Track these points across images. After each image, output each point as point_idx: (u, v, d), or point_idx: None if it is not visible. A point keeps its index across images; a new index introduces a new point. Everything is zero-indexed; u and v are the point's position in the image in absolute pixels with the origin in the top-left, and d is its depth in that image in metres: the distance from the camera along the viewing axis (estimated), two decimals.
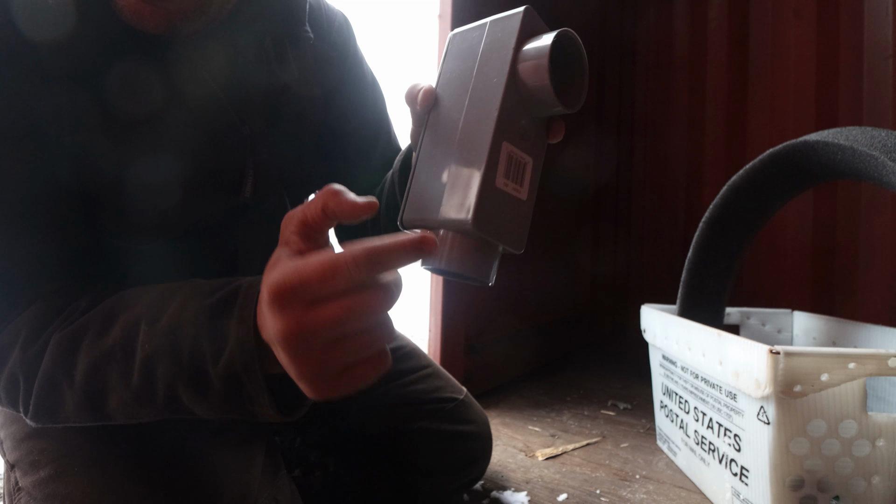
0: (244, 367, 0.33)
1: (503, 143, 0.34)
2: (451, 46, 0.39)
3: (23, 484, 0.44)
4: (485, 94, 0.35)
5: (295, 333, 0.28)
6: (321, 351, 0.28)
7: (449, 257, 0.34)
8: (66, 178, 0.43)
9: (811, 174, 0.76)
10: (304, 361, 0.28)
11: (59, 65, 0.41)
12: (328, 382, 0.29)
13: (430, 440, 0.68)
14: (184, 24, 0.42)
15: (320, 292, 0.27)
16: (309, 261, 0.28)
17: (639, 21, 1.91)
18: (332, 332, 0.28)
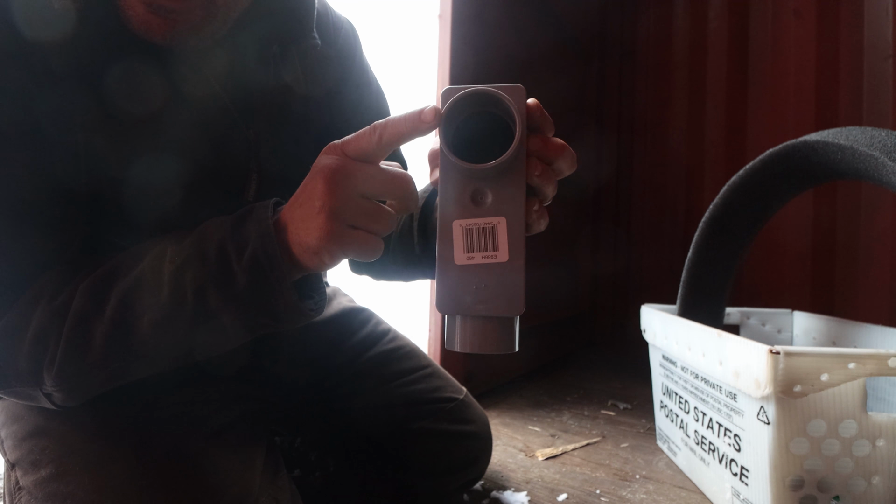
0: (265, 254, 0.37)
1: (453, 223, 0.35)
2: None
3: (23, 483, 0.44)
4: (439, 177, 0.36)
5: (337, 169, 0.36)
6: (348, 193, 0.36)
7: (461, 341, 0.35)
8: (67, 177, 0.43)
9: (811, 174, 0.76)
10: (335, 193, 0.35)
11: (60, 65, 0.41)
12: (339, 224, 0.36)
13: (429, 440, 0.68)
14: (189, 36, 0.42)
15: (362, 149, 0.36)
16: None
17: (639, 21, 1.91)
18: (365, 183, 0.36)
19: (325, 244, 0.36)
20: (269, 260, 0.37)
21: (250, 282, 0.38)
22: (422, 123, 0.35)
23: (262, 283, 0.38)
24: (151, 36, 0.41)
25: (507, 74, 1.33)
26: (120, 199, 0.45)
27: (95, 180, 0.44)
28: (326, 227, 0.35)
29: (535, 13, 1.47)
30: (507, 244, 0.35)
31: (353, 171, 0.36)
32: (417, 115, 0.35)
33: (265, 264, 0.38)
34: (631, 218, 1.92)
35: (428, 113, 0.34)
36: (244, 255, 0.38)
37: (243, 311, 0.39)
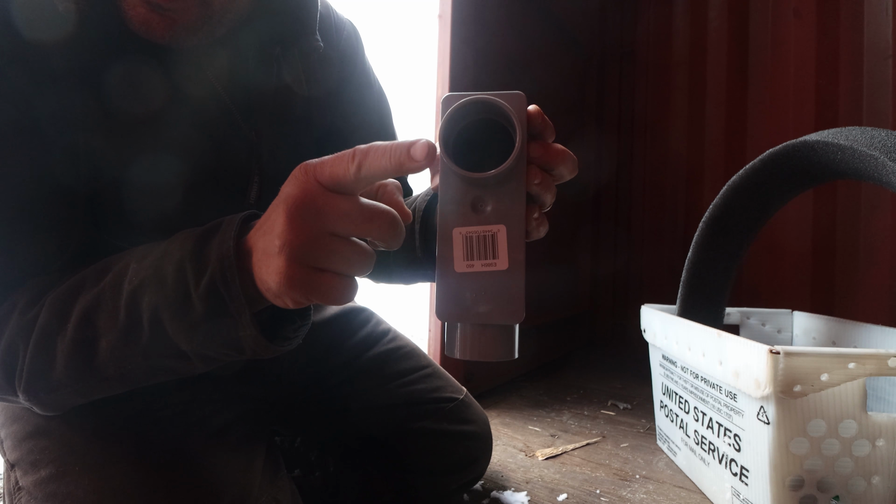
0: (224, 281, 0.34)
1: (453, 231, 0.34)
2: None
3: (23, 483, 0.44)
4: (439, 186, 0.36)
5: (302, 202, 0.31)
6: (315, 231, 0.31)
7: (461, 348, 0.35)
8: (67, 177, 0.43)
9: (811, 174, 0.76)
10: (299, 230, 0.31)
11: (61, 65, 0.41)
12: (301, 268, 0.31)
13: (429, 440, 0.68)
14: (188, 35, 0.43)
15: (335, 181, 0.31)
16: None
17: (639, 21, 1.91)
18: (336, 221, 0.31)
19: (285, 289, 0.31)
20: (228, 288, 0.34)
21: (208, 311, 0.34)
22: (410, 161, 0.30)
23: (221, 313, 0.34)
24: (152, 35, 0.41)
25: (507, 74, 1.33)
26: (120, 199, 0.45)
27: (95, 180, 0.44)
28: (287, 270, 0.31)
29: (535, 13, 1.47)
30: (507, 252, 0.35)
31: (322, 204, 0.31)
32: (405, 150, 0.30)
33: (223, 293, 0.34)
34: (631, 218, 1.92)
35: (419, 150, 0.30)
36: (202, 279, 0.34)
37: (202, 342, 0.36)
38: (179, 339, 0.36)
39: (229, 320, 0.35)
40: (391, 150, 0.30)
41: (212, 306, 0.34)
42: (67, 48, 0.41)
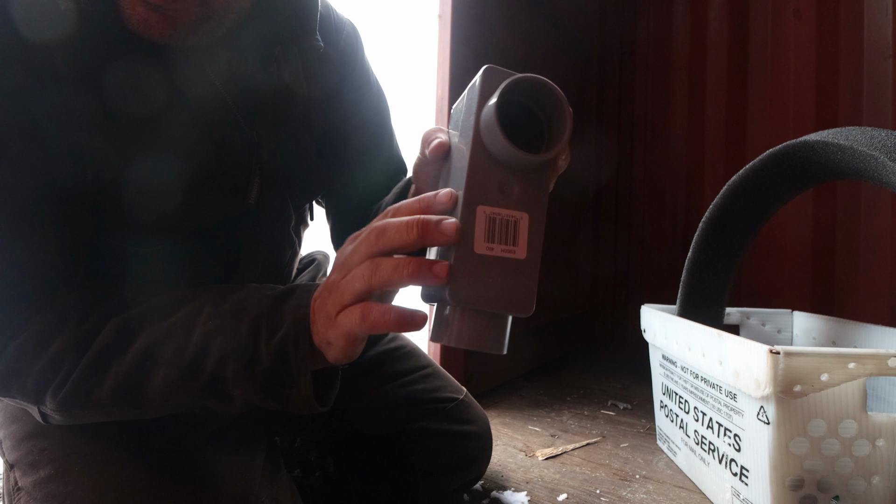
0: (295, 342, 0.37)
1: (478, 208, 0.33)
2: (471, 92, 0.38)
3: (22, 484, 0.44)
4: (459, 161, 0.35)
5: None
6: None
7: (456, 334, 0.34)
8: (68, 178, 0.43)
9: (811, 174, 0.76)
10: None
11: (62, 65, 0.41)
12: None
13: (429, 440, 0.68)
14: (188, 35, 0.42)
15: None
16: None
17: (639, 21, 1.91)
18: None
19: (346, 340, 0.36)
20: (296, 348, 0.37)
21: (272, 366, 0.38)
22: (442, 237, 0.32)
23: (283, 370, 0.38)
24: (151, 34, 0.41)
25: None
26: (120, 199, 0.45)
27: (96, 180, 0.44)
28: (343, 325, 0.35)
29: (535, 13, 1.47)
30: (527, 241, 0.34)
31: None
32: (436, 230, 0.32)
33: (291, 352, 0.37)
34: (631, 218, 1.92)
35: (448, 227, 0.32)
36: (275, 337, 0.38)
37: (256, 391, 0.39)
38: (236, 386, 0.39)
39: (288, 377, 0.38)
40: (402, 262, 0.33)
41: (278, 364, 0.38)
42: (68, 48, 0.41)
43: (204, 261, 0.53)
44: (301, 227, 0.68)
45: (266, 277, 0.61)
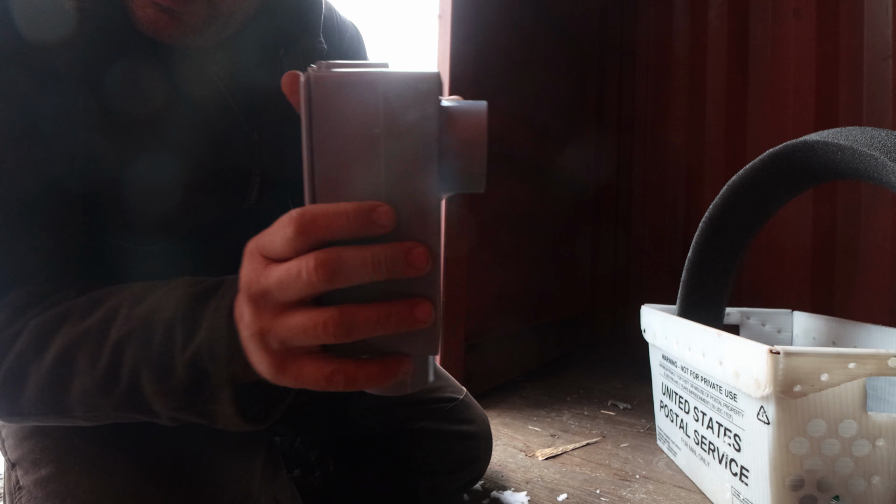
0: (211, 355, 0.32)
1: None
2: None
3: (24, 482, 0.44)
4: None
5: (257, 287, 0.28)
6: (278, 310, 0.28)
7: (398, 385, 0.30)
8: (66, 178, 0.43)
9: (811, 174, 0.76)
10: (263, 315, 0.28)
11: (63, 65, 0.41)
12: (290, 356, 0.28)
13: (430, 440, 0.68)
14: (196, 36, 0.43)
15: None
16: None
17: (639, 21, 1.91)
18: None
19: (279, 379, 0.29)
20: (213, 363, 0.32)
21: (188, 380, 0.33)
22: (374, 227, 0.26)
23: (200, 385, 0.33)
24: (159, 35, 0.41)
25: (507, 74, 1.33)
26: (121, 199, 0.45)
27: (95, 179, 0.44)
28: (271, 361, 0.29)
29: (535, 13, 1.47)
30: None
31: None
32: (367, 215, 0.26)
33: (208, 367, 0.32)
34: (631, 218, 1.92)
35: (382, 216, 0.26)
36: (189, 347, 0.33)
37: (175, 407, 0.35)
38: (154, 400, 0.35)
39: (208, 393, 0.33)
40: (342, 213, 0.26)
41: (193, 376, 0.33)
42: (69, 48, 0.41)
43: (204, 261, 0.53)
44: None
45: None
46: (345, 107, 0.26)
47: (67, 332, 0.36)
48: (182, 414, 0.35)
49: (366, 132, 0.26)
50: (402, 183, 0.27)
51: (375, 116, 0.26)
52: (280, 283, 0.26)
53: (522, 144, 1.40)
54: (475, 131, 0.29)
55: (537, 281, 1.53)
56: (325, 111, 0.26)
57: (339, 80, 0.26)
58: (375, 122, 0.26)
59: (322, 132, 0.26)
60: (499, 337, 1.32)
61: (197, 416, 0.35)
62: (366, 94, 0.26)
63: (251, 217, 0.55)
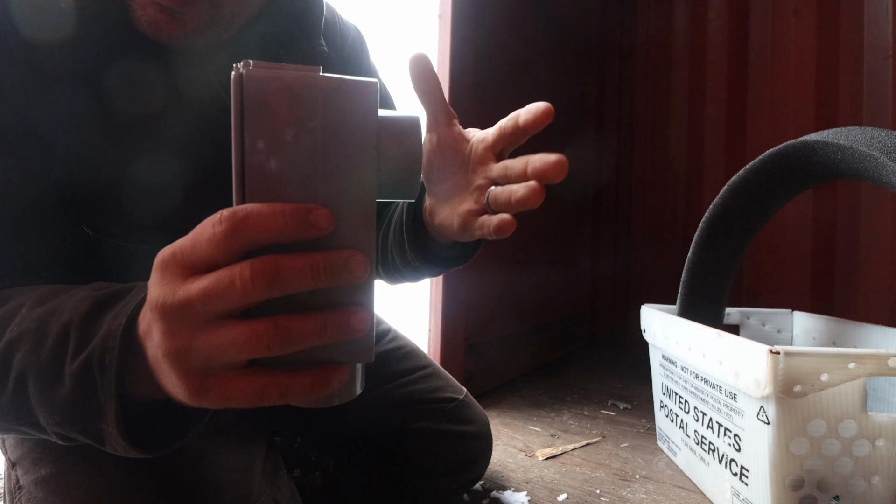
0: (101, 364, 0.29)
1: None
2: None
3: (24, 482, 0.44)
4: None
5: (171, 305, 0.25)
6: (196, 327, 0.25)
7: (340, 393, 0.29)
8: (65, 178, 0.43)
9: (811, 174, 0.76)
10: (177, 334, 0.25)
11: (61, 65, 0.41)
12: (206, 375, 0.26)
13: (429, 440, 0.68)
14: (197, 37, 0.43)
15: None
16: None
17: (639, 21, 1.91)
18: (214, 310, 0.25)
19: (198, 402, 0.26)
20: (102, 373, 0.29)
21: (75, 391, 0.30)
22: (311, 229, 0.24)
23: (87, 399, 0.29)
24: (160, 36, 0.41)
25: (507, 74, 1.33)
26: (121, 199, 0.45)
27: (94, 179, 0.44)
28: (187, 383, 0.26)
29: (535, 13, 1.47)
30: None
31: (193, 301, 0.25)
32: (304, 216, 0.24)
33: (97, 377, 0.29)
34: (631, 218, 1.92)
35: (320, 219, 0.24)
36: (80, 355, 0.29)
37: (58, 422, 0.31)
38: (39, 410, 0.31)
39: (95, 408, 0.30)
40: (275, 215, 0.24)
41: (80, 387, 0.29)
42: (68, 48, 0.41)
43: None
44: None
45: None
46: (281, 107, 0.25)
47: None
48: (67, 430, 0.31)
49: (302, 134, 0.25)
50: (338, 187, 0.26)
51: (313, 118, 0.25)
52: (206, 294, 0.24)
53: (522, 144, 1.40)
54: (411, 139, 0.28)
55: (537, 281, 1.53)
56: (260, 111, 0.25)
57: (278, 79, 0.25)
58: (313, 125, 0.25)
59: (255, 133, 0.25)
60: (499, 337, 1.32)
61: (83, 435, 0.31)
62: (304, 95, 0.25)
63: None
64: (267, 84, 0.25)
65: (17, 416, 0.32)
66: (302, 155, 0.25)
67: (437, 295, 1.11)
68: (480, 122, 1.18)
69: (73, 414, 0.30)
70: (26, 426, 0.33)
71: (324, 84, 0.25)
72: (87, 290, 0.33)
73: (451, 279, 1.12)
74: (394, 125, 0.29)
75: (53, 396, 0.30)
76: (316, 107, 0.25)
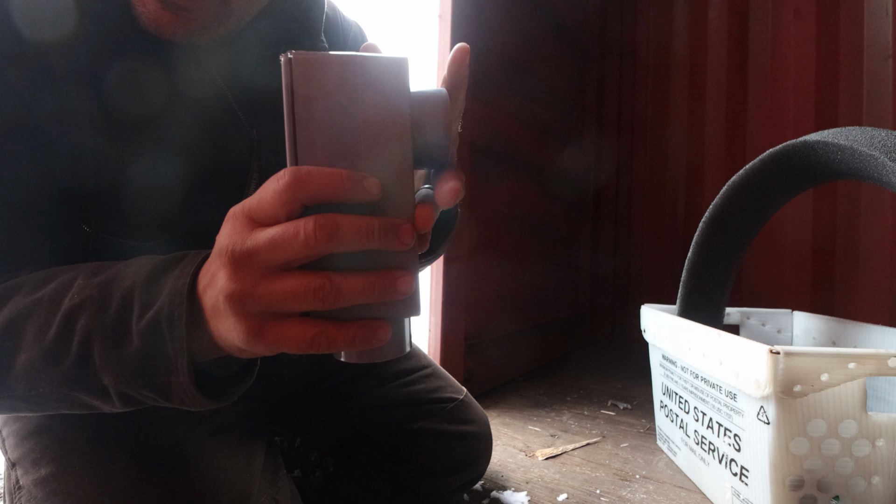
0: (170, 320, 0.31)
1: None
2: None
3: (24, 482, 0.44)
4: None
5: (240, 251, 0.27)
6: (261, 273, 0.28)
7: (376, 351, 0.31)
8: (68, 177, 0.43)
9: (811, 174, 0.76)
10: (244, 278, 0.28)
11: (62, 64, 0.41)
12: (265, 319, 0.28)
13: (429, 440, 0.68)
14: (201, 34, 0.42)
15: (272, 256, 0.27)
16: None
17: (639, 21, 1.91)
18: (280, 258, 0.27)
19: (252, 346, 0.29)
20: (171, 328, 0.31)
21: (143, 348, 0.32)
22: (364, 193, 0.27)
23: (156, 354, 0.31)
24: (162, 33, 0.41)
25: (507, 74, 1.33)
26: (121, 198, 0.45)
27: (96, 178, 0.44)
28: (246, 326, 0.28)
29: (535, 13, 1.47)
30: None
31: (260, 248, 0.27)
32: (359, 181, 0.27)
33: (165, 332, 0.31)
34: (631, 218, 1.92)
35: (372, 185, 0.27)
36: (147, 313, 0.31)
37: (127, 378, 0.33)
38: (105, 372, 0.33)
39: (164, 363, 0.31)
40: (333, 178, 0.27)
41: (149, 344, 0.31)
42: (69, 46, 0.41)
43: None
44: None
45: None
46: (324, 84, 0.28)
47: (16, 303, 0.35)
48: (134, 388, 0.33)
49: (345, 108, 0.28)
50: (378, 155, 0.29)
51: (354, 93, 0.28)
52: (273, 243, 0.26)
53: (522, 144, 1.40)
54: (440, 109, 0.30)
55: (537, 281, 1.53)
56: (306, 88, 0.28)
57: (319, 59, 0.28)
58: (354, 98, 0.28)
59: (303, 108, 0.28)
60: (499, 337, 1.32)
61: (151, 391, 0.33)
62: (344, 72, 0.28)
63: None
64: (312, 64, 0.28)
65: (80, 379, 0.34)
66: (345, 126, 0.28)
67: (437, 295, 1.11)
68: (480, 122, 1.19)
69: (142, 369, 0.32)
70: (89, 392, 0.34)
71: (361, 61, 0.28)
72: (141, 259, 0.35)
73: (451, 279, 1.12)
74: (424, 97, 0.31)
75: (122, 354, 0.32)
76: (356, 81, 0.28)
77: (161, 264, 0.34)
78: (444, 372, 0.77)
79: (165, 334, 0.31)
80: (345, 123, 0.28)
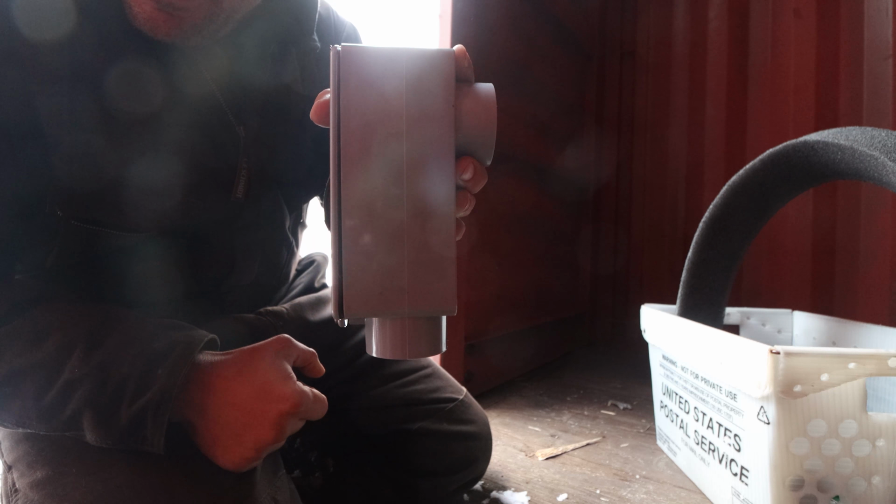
0: (155, 411, 0.39)
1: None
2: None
3: (20, 485, 0.44)
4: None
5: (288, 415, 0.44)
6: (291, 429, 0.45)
7: (413, 347, 0.32)
8: (64, 177, 0.43)
9: (811, 174, 0.76)
10: (281, 435, 0.44)
11: (59, 65, 0.41)
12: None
13: (429, 440, 0.68)
14: (194, 34, 0.43)
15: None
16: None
17: (639, 21, 1.91)
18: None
19: (244, 467, 0.43)
20: (155, 418, 0.39)
21: (129, 426, 0.40)
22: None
23: (138, 432, 0.40)
24: (157, 33, 0.41)
25: (507, 74, 1.32)
26: (116, 197, 0.45)
27: (91, 179, 0.44)
28: (253, 458, 0.43)
29: (535, 13, 1.47)
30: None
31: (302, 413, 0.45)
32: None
33: (149, 419, 0.39)
34: (631, 218, 1.91)
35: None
36: (137, 402, 0.39)
37: (110, 442, 0.41)
38: (91, 432, 0.40)
39: (142, 438, 0.40)
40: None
41: (134, 425, 0.39)
42: (66, 47, 0.41)
43: (200, 260, 0.53)
44: (298, 229, 0.68)
45: (263, 278, 0.61)
46: (371, 74, 0.29)
47: (14, 356, 0.40)
48: (112, 445, 0.41)
49: (389, 100, 0.29)
50: (420, 140, 0.29)
51: (399, 84, 0.29)
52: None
53: (522, 144, 1.40)
54: (486, 101, 0.31)
55: (537, 281, 1.53)
56: (353, 78, 0.29)
57: (366, 51, 0.29)
58: (399, 89, 0.29)
59: (350, 98, 0.29)
60: (499, 337, 1.32)
61: (127, 451, 0.41)
62: (390, 63, 0.29)
63: (244, 215, 0.55)
64: (360, 56, 0.29)
65: (66, 430, 0.41)
66: (390, 116, 0.29)
67: None
68: None
69: (123, 439, 0.40)
70: (70, 435, 0.42)
71: (406, 53, 0.30)
72: (141, 335, 0.42)
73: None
74: (471, 89, 0.31)
75: (110, 426, 0.40)
76: (400, 70, 0.29)
77: (155, 354, 0.41)
78: (443, 372, 0.77)
79: (148, 421, 0.39)
80: (389, 113, 0.29)
